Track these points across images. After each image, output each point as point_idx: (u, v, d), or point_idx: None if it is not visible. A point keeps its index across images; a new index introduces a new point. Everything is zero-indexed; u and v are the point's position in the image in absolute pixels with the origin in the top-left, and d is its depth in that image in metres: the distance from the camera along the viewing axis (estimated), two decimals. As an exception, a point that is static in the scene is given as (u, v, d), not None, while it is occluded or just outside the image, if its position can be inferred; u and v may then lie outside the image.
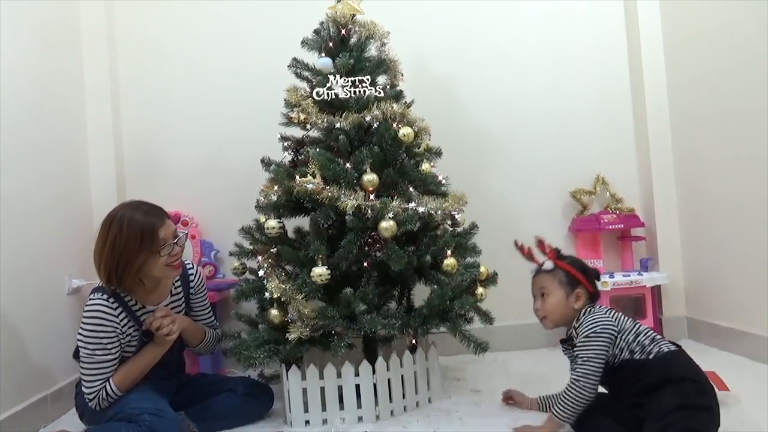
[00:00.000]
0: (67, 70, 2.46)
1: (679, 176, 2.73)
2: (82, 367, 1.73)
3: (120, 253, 1.69)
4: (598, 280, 1.72)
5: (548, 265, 1.73)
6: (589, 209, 2.78)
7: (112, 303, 1.73)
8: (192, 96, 2.73)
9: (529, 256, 1.83)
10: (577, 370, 1.56)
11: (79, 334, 1.72)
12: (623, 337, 1.55)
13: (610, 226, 2.68)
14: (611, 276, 2.58)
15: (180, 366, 2.00)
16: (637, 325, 1.58)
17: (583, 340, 1.57)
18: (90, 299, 1.73)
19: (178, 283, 1.94)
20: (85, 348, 1.71)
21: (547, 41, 2.85)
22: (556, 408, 1.58)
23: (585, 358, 1.55)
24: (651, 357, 1.50)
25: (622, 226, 2.70)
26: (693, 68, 2.59)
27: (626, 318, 1.60)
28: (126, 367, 1.76)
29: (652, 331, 1.57)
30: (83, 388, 1.74)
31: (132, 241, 1.69)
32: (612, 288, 2.55)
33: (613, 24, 2.87)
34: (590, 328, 1.56)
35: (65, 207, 2.34)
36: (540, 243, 1.80)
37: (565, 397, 1.56)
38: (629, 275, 2.60)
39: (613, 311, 1.64)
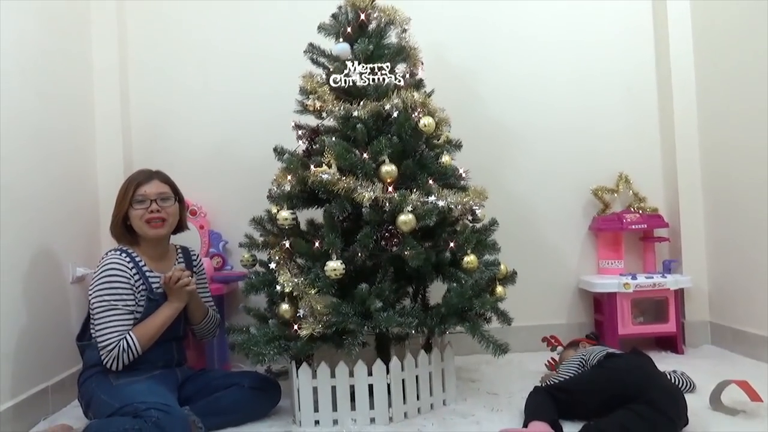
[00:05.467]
0: (75, 54, 2.39)
1: (706, 175, 2.63)
2: (97, 324, 1.73)
3: (115, 205, 1.88)
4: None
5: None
6: (610, 208, 2.69)
7: (125, 258, 1.81)
8: (203, 82, 2.65)
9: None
10: None
11: (93, 290, 1.75)
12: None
13: (633, 226, 2.58)
14: (633, 278, 2.49)
15: (181, 354, 1.95)
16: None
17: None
18: (103, 258, 1.83)
19: (181, 258, 1.98)
20: (100, 302, 1.73)
21: (571, 32, 2.75)
22: None
23: None
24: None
25: (646, 226, 2.60)
26: (723, 62, 2.49)
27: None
28: (144, 323, 1.78)
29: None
30: (99, 345, 1.72)
31: (120, 191, 1.88)
32: (634, 290, 2.46)
33: (640, 15, 2.77)
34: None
35: (71, 195, 2.27)
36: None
37: None
38: (652, 277, 2.50)
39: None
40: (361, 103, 1.89)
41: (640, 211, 2.65)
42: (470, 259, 1.83)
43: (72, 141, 2.31)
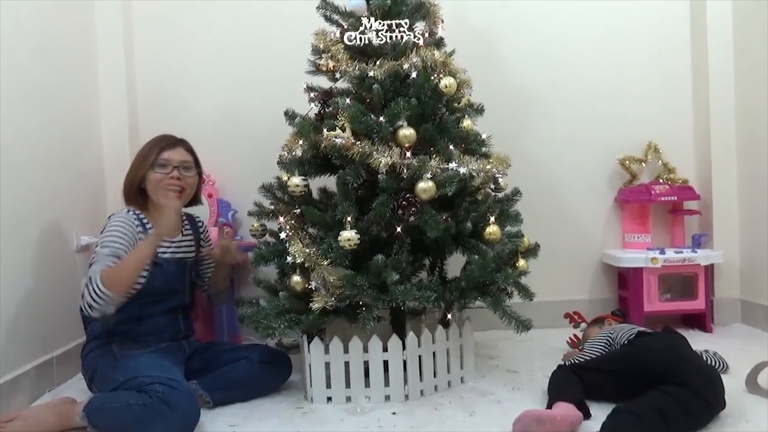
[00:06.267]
0: (77, 9, 2.27)
1: (741, 145, 2.48)
2: (92, 267, 1.62)
3: (132, 165, 1.80)
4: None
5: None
6: (638, 179, 2.55)
7: (132, 216, 1.75)
8: (212, 42, 2.52)
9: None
10: None
11: (98, 244, 1.68)
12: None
13: (662, 198, 2.44)
14: (662, 252, 2.37)
15: (188, 326, 1.88)
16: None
17: None
18: (110, 217, 1.78)
19: (188, 227, 1.91)
20: (101, 246, 1.65)
21: (599, -11, 2.57)
22: None
23: None
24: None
25: (676, 198, 2.47)
26: (766, 18, 2.30)
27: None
28: (118, 264, 1.61)
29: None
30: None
31: (141, 152, 1.81)
32: (662, 265, 2.33)
33: (675, -30, 2.58)
34: None
35: (74, 161, 2.17)
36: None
37: None
38: (682, 252, 2.37)
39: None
40: (378, 62, 1.76)
41: (670, 183, 2.51)
42: (493, 230, 1.72)
43: (74, 103, 2.21)
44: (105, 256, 1.62)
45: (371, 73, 1.75)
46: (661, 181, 2.53)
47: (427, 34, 1.91)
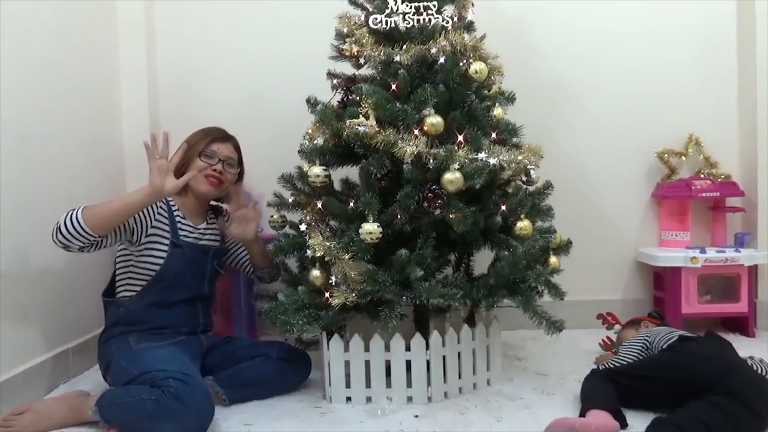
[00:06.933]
0: (99, 4, 2.23)
1: (791, 138, 2.33)
2: None
3: (179, 151, 1.72)
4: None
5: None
6: (677, 173, 2.41)
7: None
8: (232, 28, 2.45)
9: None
10: None
11: None
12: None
13: (704, 194, 2.31)
14: (702, 251, 2.23)
15: (207, 319, 1.83)
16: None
17: None
18: None
19: (212, 215, 1.89)
20: None
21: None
22: None
23: None
24: None
25: (718, 194, 2.32)
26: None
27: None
28: (104, 203, 1.56)
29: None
30: None
31: (191, 139, 1.79)
32: (703, 265, 2.20)
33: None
34: None
35: (94, 152, 2.14)
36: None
37: None
38: (724, 251, 2.23)
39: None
40: (404, 47, 1.67)
41: (711, 178, 2.37)
42: (524, 225, 1.62)
43: (95, 96, 2.17)
44: None
45: (397, 58, 1.66)
46: (702, 176, 2.39)
47: (456, 19, 1.81)
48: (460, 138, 1.60)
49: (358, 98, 1.68)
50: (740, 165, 2.44)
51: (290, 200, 1.83)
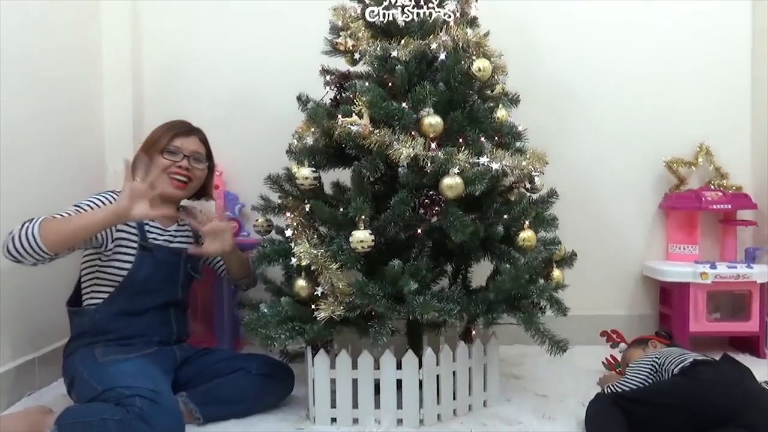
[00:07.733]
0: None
1: (806, 150, 2.22)
2: None
3: (141, 149, 1.68)
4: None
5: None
6: (686, 184, 2.30)
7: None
8: (220, 21, 2.33)
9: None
10: None
11: None
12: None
13: (715, 206, 2.19)
14: (712, 266, 2.12)
15: (182, 328, 1.71)
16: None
17: None
18: None
19: (183, 220, 1.77)
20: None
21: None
22: None
23: None
24: None
25: (730, 206, 2.21)
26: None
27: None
28: (65, 218, 1.45)
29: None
30: None
31: (152, 136, 1.70)
32: (713, 281, 2.09)
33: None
34: None
35: (74, 146, 2.03)
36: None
37: None
38: (735, 267, 2.12)
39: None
40: (402, 41, 1.56)
41: (722, 189, 2.26)
42: (527, 236, 1.51)
43: (75, 84, 2.06)
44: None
45: (394, 54, 1.54)
46: (712, 186, 2.28)
47: (458, 14, 1.70)
48: (461, 140, 1.48)
49: (351, 95, 1.57)
50: (752, 176, 2.33)
51: (277, 203, 1.70)
